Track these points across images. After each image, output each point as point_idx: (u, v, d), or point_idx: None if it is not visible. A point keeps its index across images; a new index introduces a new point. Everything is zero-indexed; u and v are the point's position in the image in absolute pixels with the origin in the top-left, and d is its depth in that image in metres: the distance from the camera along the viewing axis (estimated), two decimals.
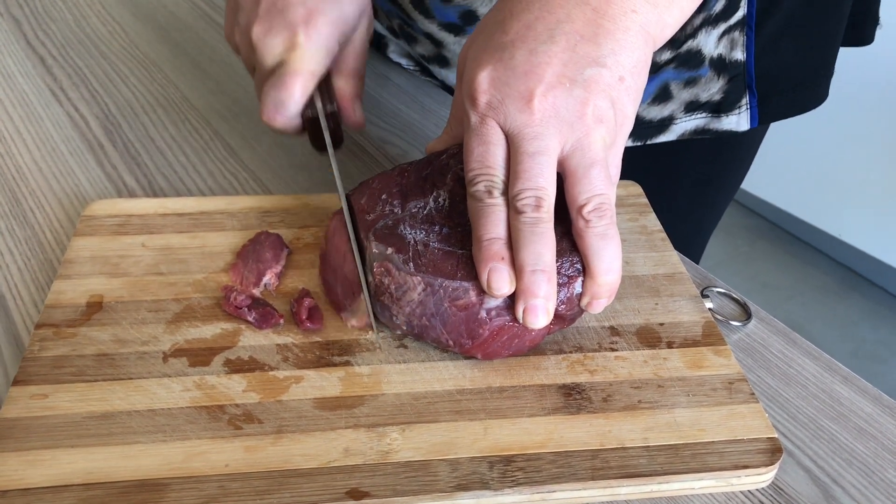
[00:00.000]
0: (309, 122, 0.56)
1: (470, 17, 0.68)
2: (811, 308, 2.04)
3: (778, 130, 0.79)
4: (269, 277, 0.51)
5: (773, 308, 2.00)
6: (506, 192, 0.44)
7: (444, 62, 0.75)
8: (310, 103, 0.55)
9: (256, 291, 0.51)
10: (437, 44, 0.73)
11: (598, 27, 0.43)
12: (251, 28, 0.54)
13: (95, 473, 0.40)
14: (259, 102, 0.55)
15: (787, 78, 0.72)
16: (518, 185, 0.43)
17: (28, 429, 0.42)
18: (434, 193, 0.48)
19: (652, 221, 0.58)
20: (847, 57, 0.79)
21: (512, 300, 0.44)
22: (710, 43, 0.67)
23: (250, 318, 0.48)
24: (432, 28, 0.71)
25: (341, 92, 0.57)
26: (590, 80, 0.43)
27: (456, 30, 0.69)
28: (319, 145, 0.57)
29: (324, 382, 0.46)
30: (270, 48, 0.54)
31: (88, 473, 0.40)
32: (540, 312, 0.43)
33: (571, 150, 0.43)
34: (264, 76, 0.55)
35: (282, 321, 0.49)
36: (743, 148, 0.80)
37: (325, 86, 0.56)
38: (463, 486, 0.41)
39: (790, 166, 2.06)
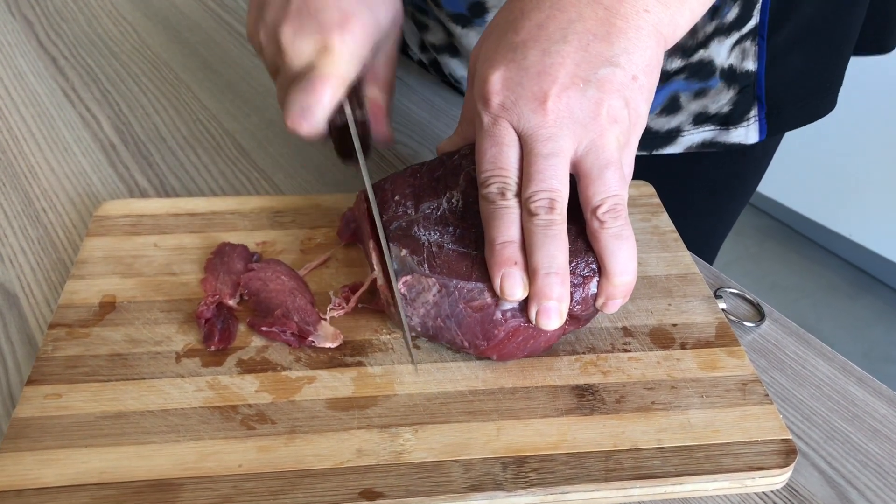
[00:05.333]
0: (336, 129, 0.53)
1: (479, 9, 0.67)
2: (822, 309, 2.04)
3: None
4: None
5: (783, 309, 1.98)
6: (519, 194, 0.43)
7: (454, 52, 0.75)
8: (338, 110, 0.53)
9: (232, 302, 0.50)
10: (448, 33, 0.73)
11: (610, 26, 0.43)
12: (280, 28, 0.52)
13: (110, 473, 0.41)
14: (281, 106, 0.53)
15: (796, 89, 0.71)
16: (531, 186, 0.42)
17: (42, 428, 0.42)
18: (447, 194, 0.48)
19: (664, 222, 0.58)
20: (856, 57, 0.78)
21: (526, 301, 0.44)
22: (722, 53, 0.67)
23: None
24: (442, 16, 0.71)
25: (373, 102, 0.55)
26: (603, 80, 0.43)
27: (464, 21, 0.69)
28: (345, 154, 0.55)
29: (336, 383, 0.46)
30: (300, 51, 0.51)
31: (102, 473, 0.40)
32: (553, 314, 0.43)
33: (585, 150, 0.43)
34: (290, 79, 0.53)
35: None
36: (756, 157, 0.80)
37: (354, 94, 0.54)
38: (476, 487, 0.41)
39: (800, 166, 2.05)
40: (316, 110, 0.51)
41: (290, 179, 0.65)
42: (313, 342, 0.47)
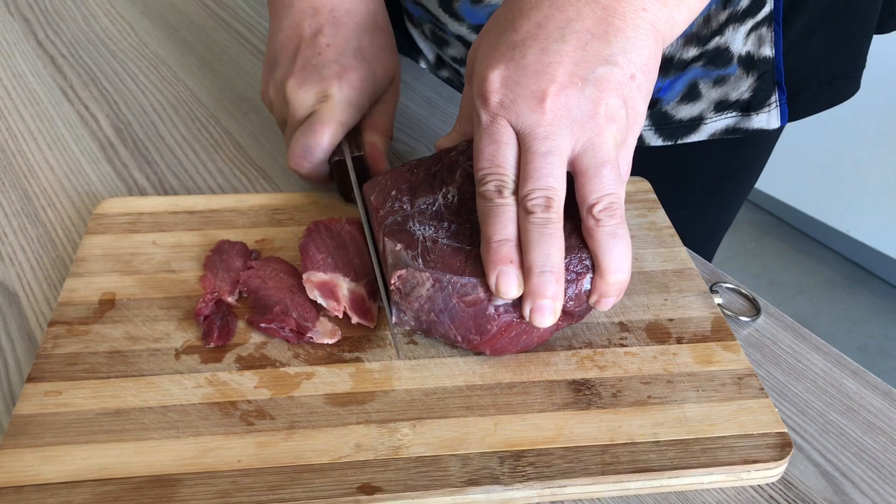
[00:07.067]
0: (336, 166, 0.58)
1: None
2: (818, 304, 2.04)
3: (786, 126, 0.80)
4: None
5: (780, 304, 1.98)
6: (516, 192, 0.44)
7: None
8: (337, 151, 0.58)
9: (231, 299, 0.50)
10: (468, 46, 0.73)
11: (608, 25, 0.43)
12: (287, 82, 0.58)
13: (109, 469, 0.41)
14: (287, 151, 0.57)
15: (817, 73, 0.71)
16: (528, 184, 0.43)
17: (42, 425, 0.43)
18: (443, 190, 0.49)
19: (661, 217, 0.59)
20: None
21: (520, 298, 0.44)
22: (737, 40, 0.67)
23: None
24: (462, 30, 0.71)
25: (370, 145, 0.60)
26: (601, 79, 0.43)
27: None
28: (346, 193, 0.59)
29: (335, 378, 0.46)
30: (303, 99, 0.57)
31: (102, 469, 0.41)
32: (547, 312, 0.43)
33: (583, 149, 0.43)
34: (295, 126, 0.58)
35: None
36: (761, 145, 0.80)
37: (353, 136, 0.59)
38: (474, 482, 0.41)
39: (797, 162, 2.06)
40: (315, 150, 0.56)
41: (289, 177, 0.65)
42: (312, 338, 0.48)
